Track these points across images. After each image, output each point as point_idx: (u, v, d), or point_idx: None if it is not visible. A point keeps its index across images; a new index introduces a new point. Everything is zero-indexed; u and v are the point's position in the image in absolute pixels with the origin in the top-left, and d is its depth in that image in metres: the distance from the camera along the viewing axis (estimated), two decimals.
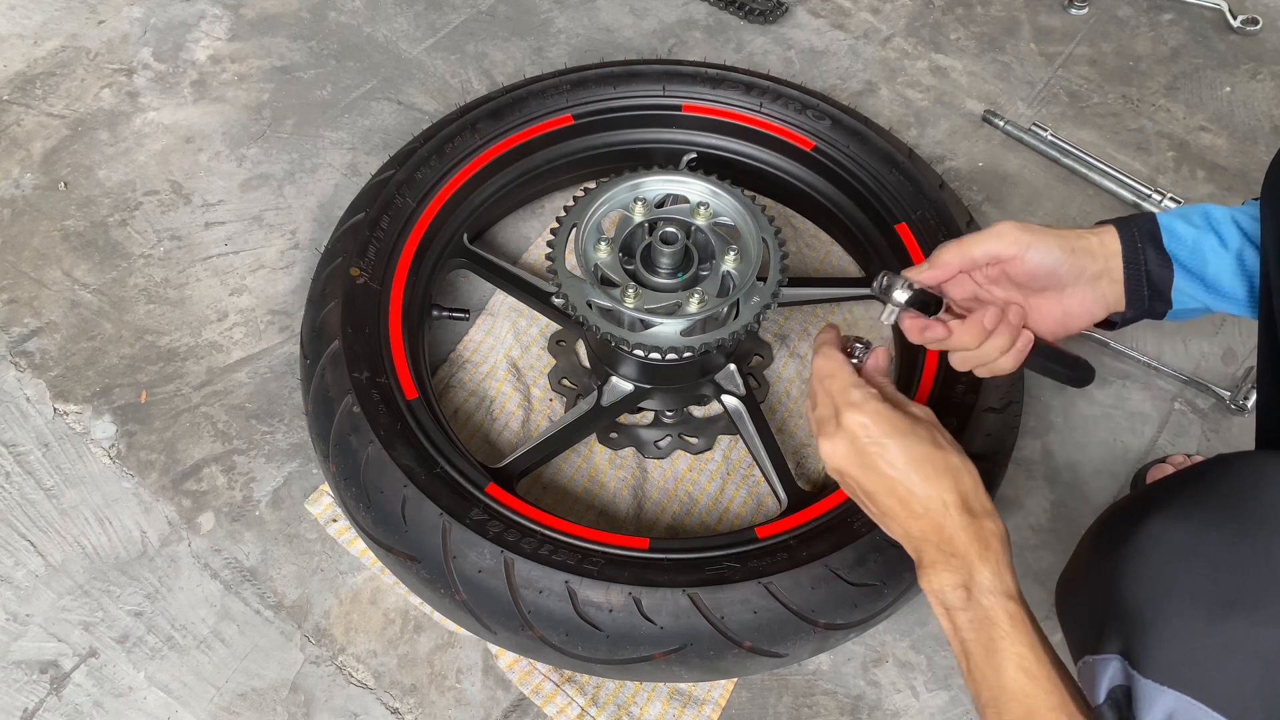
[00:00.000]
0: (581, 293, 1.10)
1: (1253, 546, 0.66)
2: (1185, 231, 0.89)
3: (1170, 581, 0.67)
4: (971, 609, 0.78)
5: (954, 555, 0.80)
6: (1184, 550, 0.68)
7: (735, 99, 1.37)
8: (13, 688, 1.08)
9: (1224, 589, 0.65)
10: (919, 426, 0.84)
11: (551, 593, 0.97)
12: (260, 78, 1.62)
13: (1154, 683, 0.65)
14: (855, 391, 0.86)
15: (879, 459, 0.83)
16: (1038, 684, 0.73)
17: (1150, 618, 0.67)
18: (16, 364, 1.30)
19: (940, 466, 0.82)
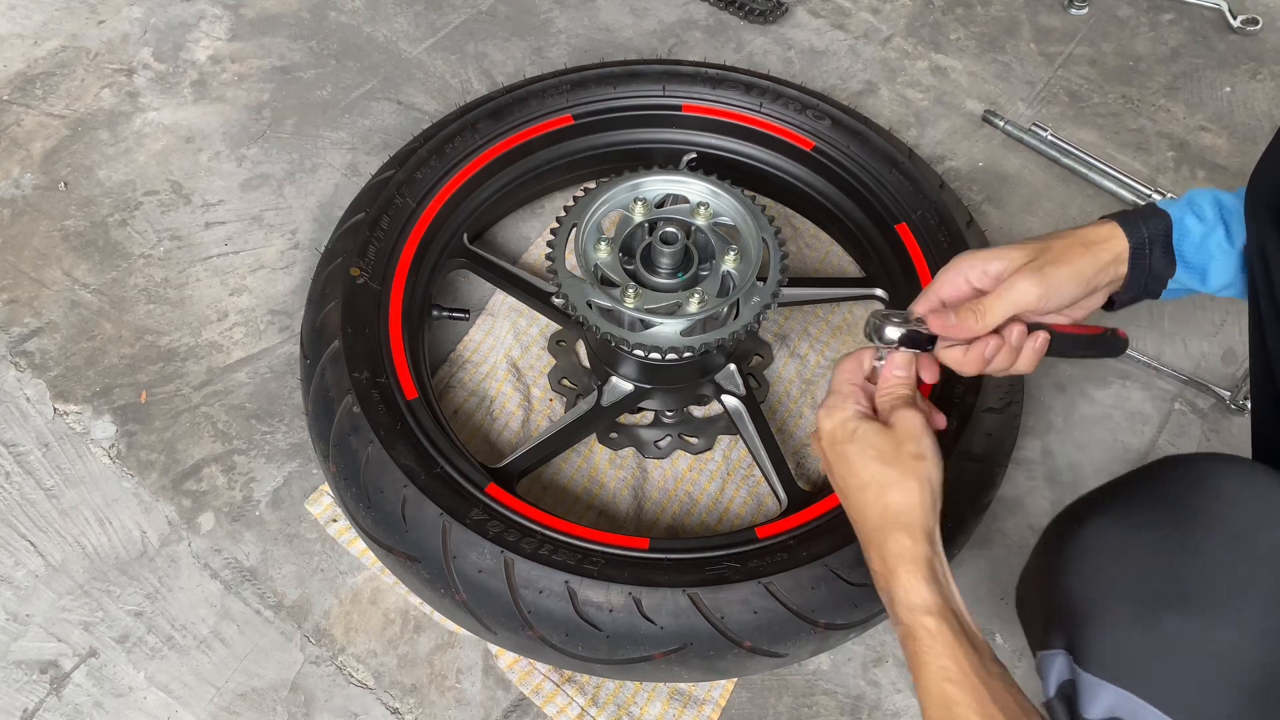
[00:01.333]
0: (581, 293, 1.10)
1: (1185, 546, 0.68)
2: (1195, 228, 0.88)
3: (1108, 579, 0.69)
4: (898, 625, 0.79)
5: (877, 572, 0.82)
6: (1122, 550, 0.70)
7: (735, 99, 1.37)
8: (13, 688, 1.08)
9: (1158, 587, 0.67)
10: (881, 436, 0.84)
11: (551, 593, 0.97)
12: (260, 78, 1.62)
13: (1094, 677, 0.67)
14: (834, 397, 0.89)
15: (837, 461, 0.86)
16: (962, 690, 0.73)
17: (1089, 614, 0.69)
18: (16, 364, 1.30)
19: (874, 478, 0.83)
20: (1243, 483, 0.71)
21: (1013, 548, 1.20)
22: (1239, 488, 0.70)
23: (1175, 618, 0.66)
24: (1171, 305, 1.41)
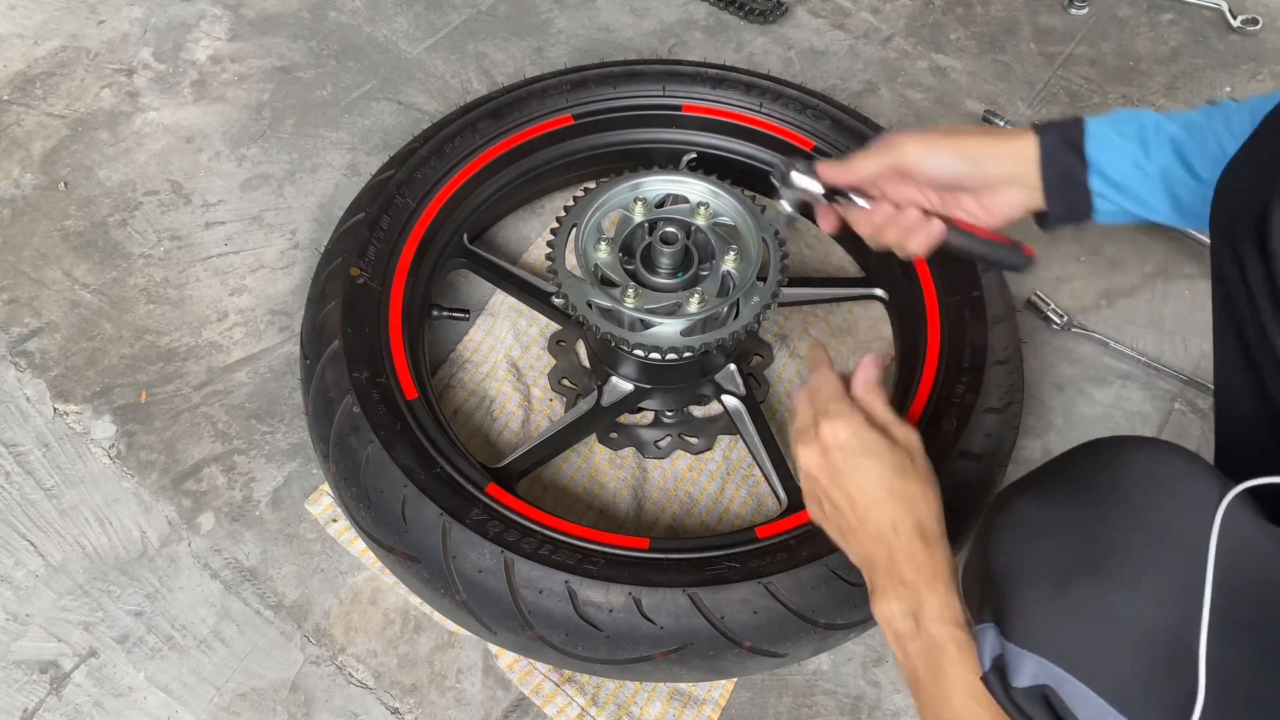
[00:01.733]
0: (581, 293, 1.10)
1: (1098, 517, 0.70)
2: (1110, 140, 0.89)
3: (1026, 553, 0.72)
4: (920, 637, 0.78)
5: (903, 583, 0.80)
6: (1040, 524, 0.73)
7: (735, 99, 1.37)
8: (13, 688, 1.08)
9: (1071, 557, 0.69)
10: (892, 451, 0.85)
11: (551, 593, 0.97)
12: (260, 78, 1.62)
13: (1018, 648, 0.69)
14: (837, 404, 0.87)
15: (846, 475, 0.84)
16: (986, 709, 0.73)
17: (1011, 588, 0.71)
18: (16, 364, 1.30)
19: (900, 493, 0.83)
20: (1150, 459, 0.73)
21: None
22: (1146, 464, 0.73)
23: (1083, 586, 0.68)
24: (1171, 305, 1.41)
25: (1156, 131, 0.88)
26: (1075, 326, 1.38)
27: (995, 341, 1.16)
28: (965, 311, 1.18)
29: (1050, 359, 1.36)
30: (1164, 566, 0.67)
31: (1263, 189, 0.73)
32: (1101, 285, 1.44)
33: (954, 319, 1.19)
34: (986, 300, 1.19)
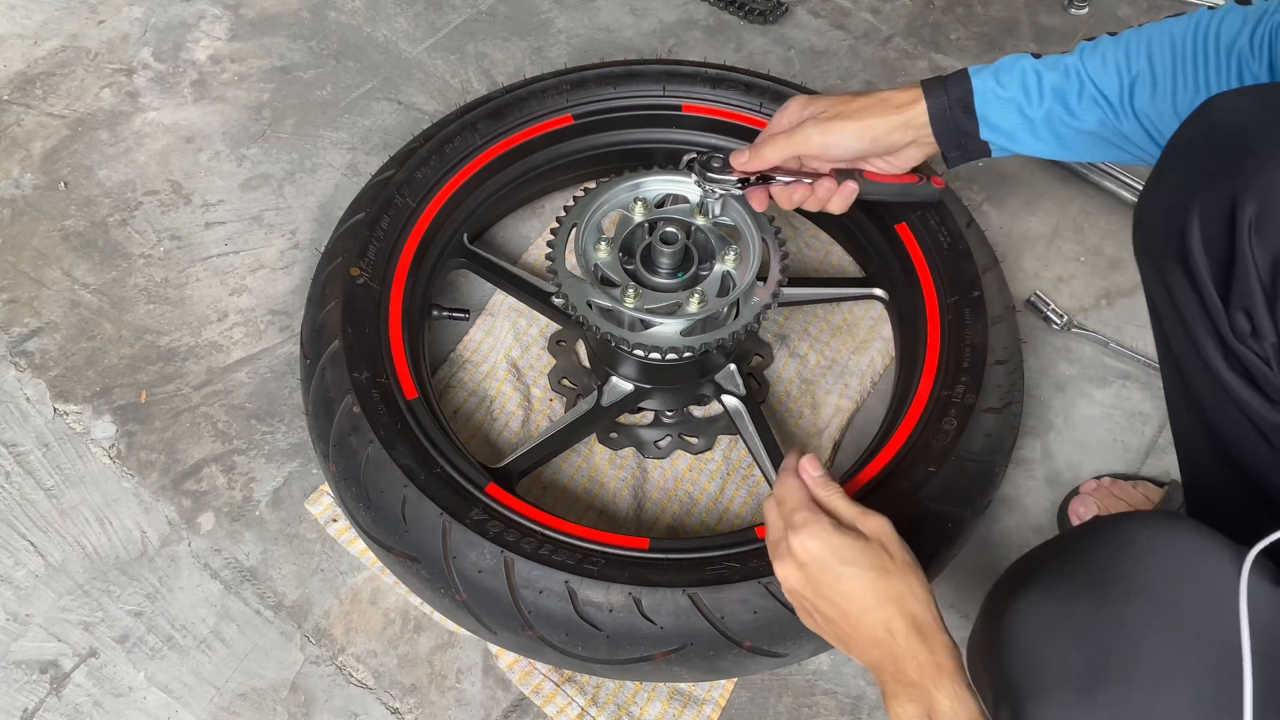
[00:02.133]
0: (581, 293, 1.10)
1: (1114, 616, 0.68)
2: (995, 94, 0.97)
3: (1042, 656, 0.69)
4: None
5: (911, 685, 0.78)
6: (1052, 625, 0.70)
7: (735, 99, 1.37)
8: (13, 688, 1.08)
9: (1090, 661, 0.66)
10: (866, 553, 0.82)
11: (551, 593, 0.97)
12: (260, 78, 1.62)
13: None
14: (802, 514, 0.85)
15: (828, 587, 0.83)
16: None
17: (1028, 693, 0.68)
18: (16, 364, 1.30)
19: (886, 594, 0.80)
20: (1164, 543, 0.71)
21: (1013, 548, 1.20)
22: (1161, 548, 0.71)
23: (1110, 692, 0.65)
24: None
25: (1038, 79, 0.96)
26: (1075, 326, 1.38)
27: (995, 341, 1.16)
28: (965, 311, 1.18)
29: (1050, 359, 1.36)
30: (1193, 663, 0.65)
31: (1180, 208, 0.74)
32: (1101, 285, 1.44)
33: (954, 319, 1.19)
34: (986, 300, 1.19)
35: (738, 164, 1.07)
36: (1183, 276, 0.75)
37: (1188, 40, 0.88)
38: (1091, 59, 0.93)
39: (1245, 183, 0.70)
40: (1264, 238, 0.69)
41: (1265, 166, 0.70)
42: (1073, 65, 0.94)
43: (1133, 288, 1.44)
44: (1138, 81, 0.91)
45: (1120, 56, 0.91)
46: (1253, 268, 0.70)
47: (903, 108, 1.01)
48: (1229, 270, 0.72)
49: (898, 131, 1.01)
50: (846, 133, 1.01)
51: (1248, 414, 0.76)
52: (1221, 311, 0.73)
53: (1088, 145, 0.97)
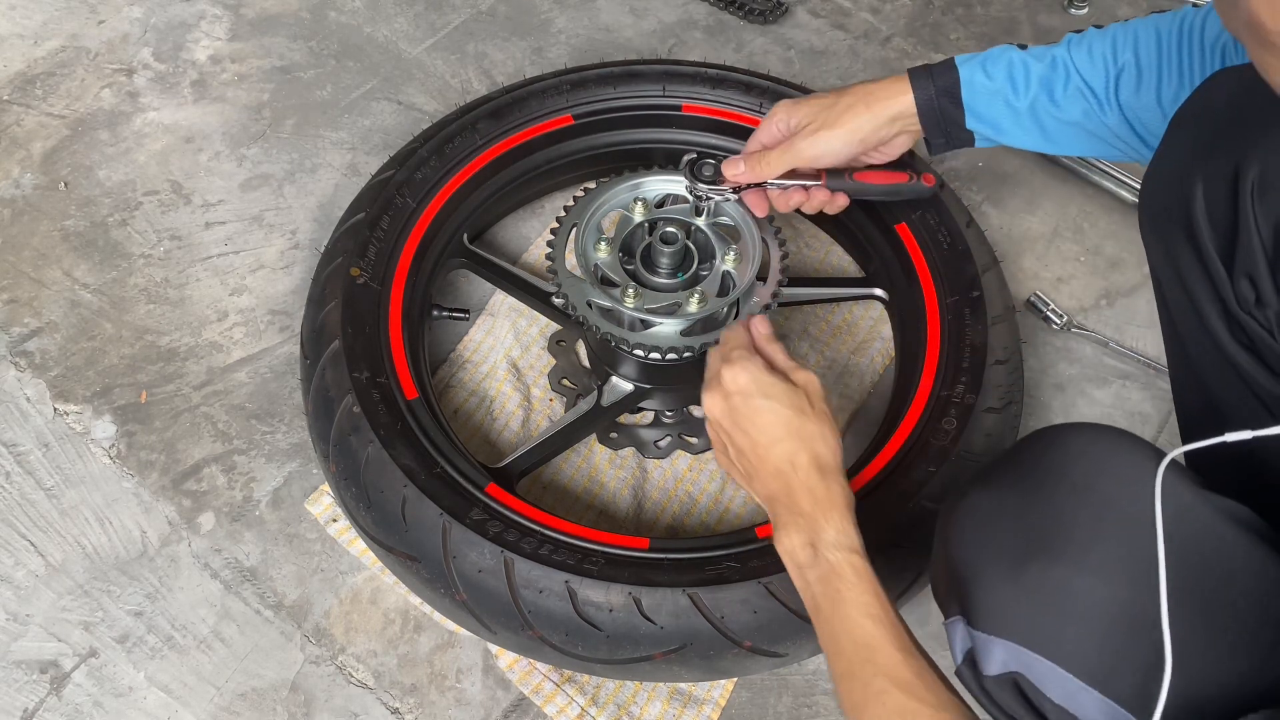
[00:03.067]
0: (581, 293, 1.10)
1: (1044, 499, 0.73)
2: (982, 85, 0.99)
3: (982, 542, 0.75)
4: (819, 565, 0.82)
5: (802, 515, 0.84)
6: (991, 513, 0.76)
7: (735, 99, 1.37)
8: (13, 688, 1.08)
9: (1023, 541, 0.72)
10: (789, 393, 0.89)
11: (551, 593, 0.97)
12: (260, 78, 1.62)
13: (985, 635, 0.72)
14: (739, 352, 0.92)
15: (746, 417, 0.88)
16: (881, 627, 0.77)
17: (971, 577, 0.74)
18: (16, 364, 1.30)
19: (798, 431, 0.87)
20: (1088, 440, 0.76)
21: None
22: (1084, 445, 0.76)
23: (1038, 566, 0.70)
24: None
25: (1025, 70, 0.97)
26: (1075, 326, 1.38)
27: (995, 341, 1.16)
28: (965, 311, 1.18)
29: (1050, 359, 1.36)
30: (1110, 540, 0.70)
31: (1184, 177, 0.76)
32: (1101, 285, 1.44)
33: (954, 319, 1.19)
34: (986, 300, 1.19)
35: (731, 175, 1.08)
36: (1187, 245, 0.77)
37: (1173, 35, 0.89)
38: (1078, 51, 0.95)
39: (1247, 149, 0.72)
40: (1266, 203, 0.71)
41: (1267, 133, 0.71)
42: (1060, 57, 0.96)
43: (1133, 288, 1.44)
44: (1123, 74, 0.92)
45: (1107, 49, 0.93)
46: (1255, 233, 0.72)
47: (889, 101, 1.02)
48: (1232, 237, 0.73)
49: (885, 127, 1.03)
50: (836, 140, 1.03)
51: (1251, 386, 0.77)
52: (1225, 279, 0.75)
53: (1072, 137, 0.98)
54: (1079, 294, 1.43)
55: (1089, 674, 0.68)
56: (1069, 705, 0.69)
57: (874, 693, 0.74)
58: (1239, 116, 0.74)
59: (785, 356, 0.94)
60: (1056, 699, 0.69)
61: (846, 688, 0.77)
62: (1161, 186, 0.81)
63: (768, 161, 1.06)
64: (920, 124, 1.02)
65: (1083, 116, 0.96)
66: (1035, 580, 0.70)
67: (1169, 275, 0.81)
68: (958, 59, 1.00)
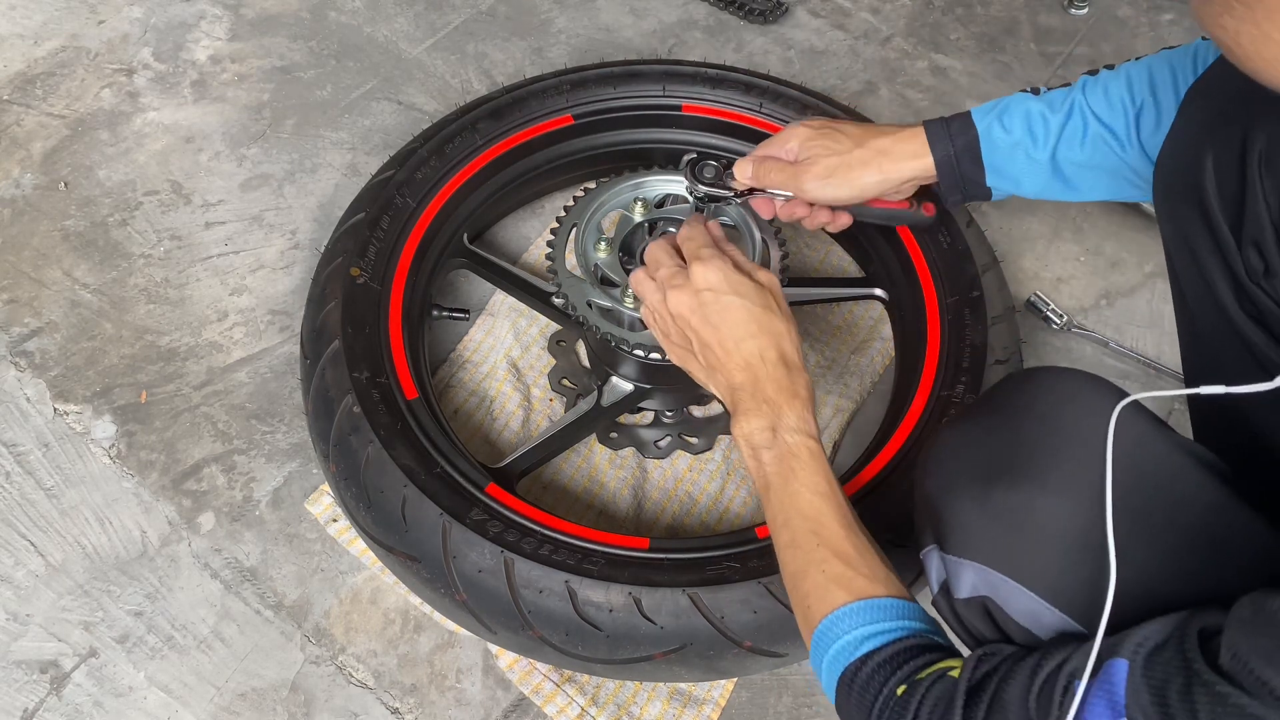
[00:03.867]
0: (581, 293, 1.10)
1: (1010, 428, 0.77)
2: (1001, 140, 0.98)
3: (952, 471, 0.78)
4: (776, 446, 0.85)
5: (765, 402, 0.87)
6: (960, 444, 0.79)
7: (735, 99, 1.37)
8: (13, 688, 1.08)
9: (989, 467, 0.75)
10: (757, 290, 0.91)
11: (551, 593, 0.97)
12: (260, 78, 1.62)
13: (955, 558, 0.74)
14: (708, 250, 0.93)
15: (716, 313, 0.90)
16: (829, 504, 0.82)
17: (942, 504, 0.76)
18: (16, 364, 1.30)
19: (766, 326, 0.90)
20: (1054, 378, 0.80)
21: None
22: (1051, 382, 0.79)
23: (1001, 489, 0.73)
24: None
25: (1044, 122, 0.96)
26: (1075, 326, 1.38)
27: (995, 341, 1.16)
28: (965, 311, 1.18)
29: (1050, 359, 1.36)
30: (1068, 463, 0.72)
31: (1194, 148, 0.78)
32: (1101, 285, 1.44)
33: (954, 319, 1.19)
34: (986, 300, 1.19)
35: (740, 175, 1.08)
36: (1197, 216, 0.78)
37: (1187, 68, 0.89)
38: (1094, 95, 0.94)
39: (1255, 120, 0.73)
40: (1273, 173, 0.72)
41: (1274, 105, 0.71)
42: (1077, 103, 0.95)
43: (1133, 288, 1.44)
44: (1142, 113, 0.92)
45: (1123, 90, 0.92)
46: (1263, 202, 0.73)
47: (906, 163, 1.01)
48: (1240, 207, 0.75)
49: (898, 186, 1.03)
50: (843, 190, 1.02)
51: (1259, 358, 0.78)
52: (1234, 249, 0.76)
53: (1093, 181, 0.97)
54: (1079, 294, 1.43)
55: (1048, 591, 0.71)
56: (1029, 623, 0.72)
57: (815, 560, 0.79)
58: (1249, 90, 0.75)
59: (746, 258, 0.96)
60: (1018, 618, 0.72)
61: (790, 556, 0.81)
62: (1173, 160, 0.82)
63: (770, 177, 1.05)
64: (938, 181, 1.02)
65: (1104, 159, 0.95)
66: (1000, 503, 0.73)
67: (1179, 246, 0.82)
68: (974, 112, 0.99)
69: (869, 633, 0.74)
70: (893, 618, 0.74)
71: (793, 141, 1.05)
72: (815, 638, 0.77)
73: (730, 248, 0.97)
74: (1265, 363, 0.78)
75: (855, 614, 0.75)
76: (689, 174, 1.11)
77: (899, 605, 0.75)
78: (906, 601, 0.76)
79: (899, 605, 0.75)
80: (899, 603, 0.75)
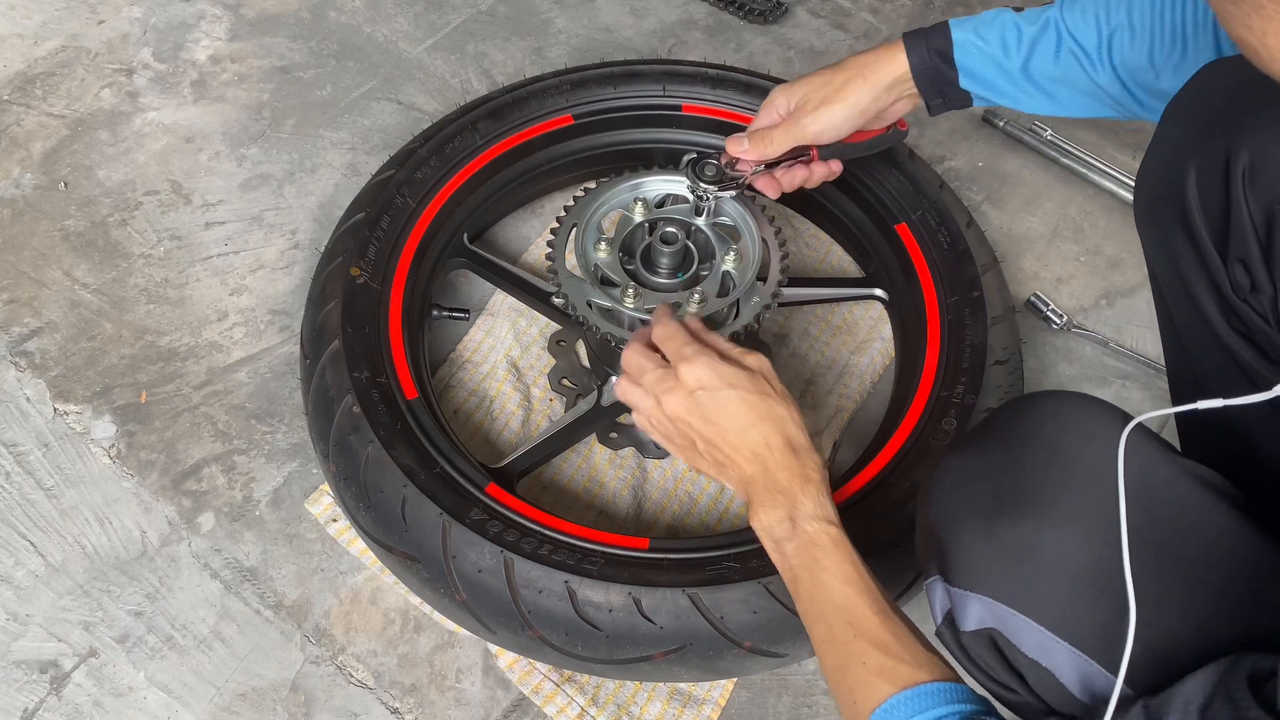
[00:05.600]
0: (581, 293, 1.10)
1: (1015, 458, 0.76)
2: (975, 48, 1.00)
3: (957, 501, 0.77)
4: (797, 536, 0.83)
5: (780, 492, 0.85)
6: (965, 474, 0.78)
7: (735, 99, 1.37)
8: (13, 688, 1.08)
9: (995, 499, 0.74)
10: (750, 378, 0.90)
11: (551, 593, 0.97)
12: (260, 78, 1.62)
13: (960, 591, 0.73)
14: (690, 347, 0.91)
15: (714, 410, 0.88)
16: (859, 592, 0.79)
17: (946, 536, 0.76)
18: (16, 364, 1.30)
19: (766, 413, 0.88)
20: (1058, 403, 0.79)
21: None
22: (1055, 408, 0.78)
23: (1008, 522, 0.72)
24: None
25: (1017, 33, 0.98)
26: (1075, 326, 1.38)
27: (995, 341, 1.16)
28: (965, 311, 1.18)
29: (1050, 359, 1.36)
30: (1076, 494, 0.71)
31: (1177, 165, 0.78)
32: (1101, 285, 1.44)
33: (954, 319, 1.19)
34: (986, 300, 1.19)
35: (735, 151, 1.09)
36: (1181, 232, 0.78)
37: None
38: (1071, 12, 0.96)
39: (1238, 136, 0.73)
40: (1257, 188, 0.72)
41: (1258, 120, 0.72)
42: (1052, 18, 0.97)
43: (1133, 288, 1.44)
44: (1115, 35, 0.93)
45: (1100, 10, 0.94)
46: (1247, 218, 0.73)
47: (884, 69, 1.03)
48: (1225, 223, 0.75)
49: (883, 95, 1.04)
50: (837, 114, 1.04)
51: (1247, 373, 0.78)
52: (1220, 265, 0.76)
53: (1067, 96, 0.99)
54: (1079, 294, 1.43)
55: (1059, 626, 0.70)
56: (1041, 658, 0.71)
57: (855, 654, 0.76)
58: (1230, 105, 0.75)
59: (729, 344, 0.95)
60: (1029, 652, 0.71)
61: (828, 650, 0.79)
62: (1156, 175, 0.82)
63: (771, 140, 1.07)
64: (915, 86, 1.04)
65: (1075, 76, 0.97)
66: (1006, 535, 0.72)
67: (1164, 264, 0.82)
68: (952, 22, 1.02)
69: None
70: (943, 702, 0.71)
71: (779, 98, 1.08)
72: None
73: (710, 337, 0.95)
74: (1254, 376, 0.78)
75: (904, 704, 0.72)
76: (690, 173, 1.11)
77: (947, 689, 0.72)
78: (954, 684, 0.73)
79: (947, 689, 0.72)
80: (946, 686, 0.72)
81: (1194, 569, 0.70)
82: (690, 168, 1.11)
